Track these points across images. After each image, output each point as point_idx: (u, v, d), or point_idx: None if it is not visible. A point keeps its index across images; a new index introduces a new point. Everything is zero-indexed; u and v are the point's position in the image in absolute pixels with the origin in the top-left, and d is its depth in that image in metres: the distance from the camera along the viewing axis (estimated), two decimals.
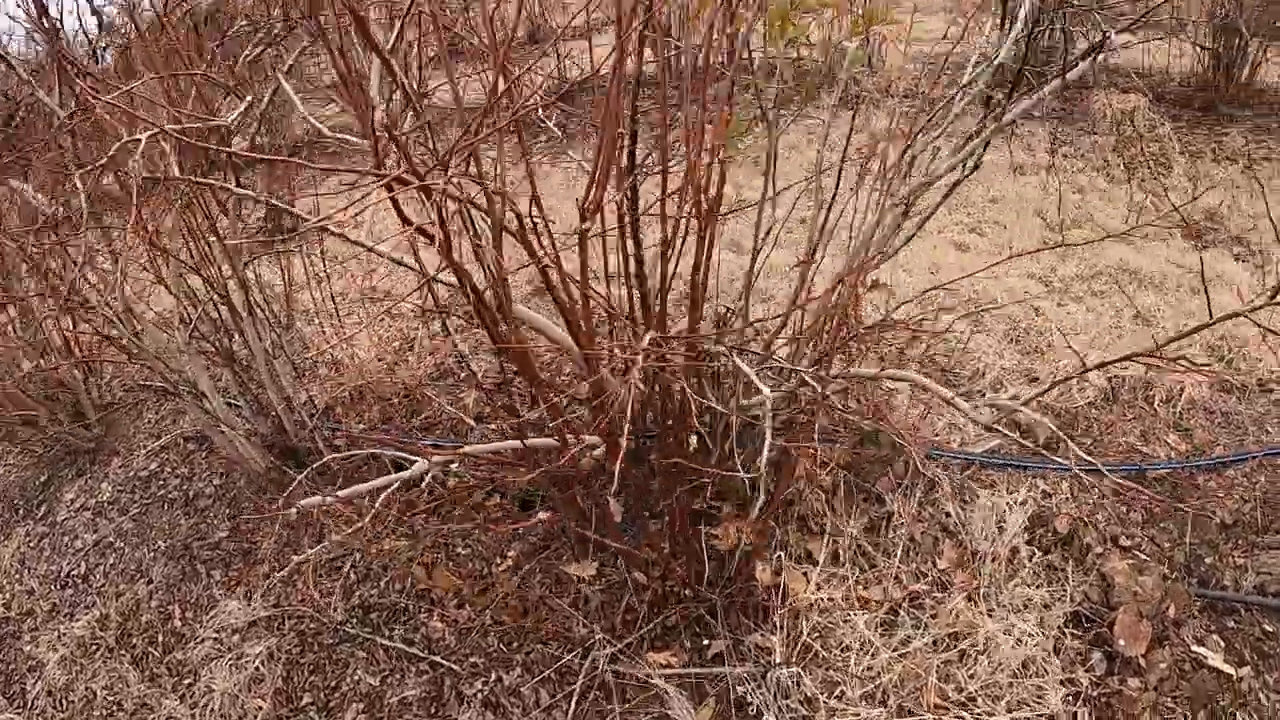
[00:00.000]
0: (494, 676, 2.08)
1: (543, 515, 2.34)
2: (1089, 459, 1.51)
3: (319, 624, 2.43)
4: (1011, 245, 3.62)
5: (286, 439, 2.95)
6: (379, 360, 2.98)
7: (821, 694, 1.63)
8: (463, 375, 2.98)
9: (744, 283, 1.75)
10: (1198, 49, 4.64)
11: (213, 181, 1.74)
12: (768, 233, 1.76)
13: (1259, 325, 1.45)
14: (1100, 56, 1.76)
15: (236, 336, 2.78)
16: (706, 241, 1.27)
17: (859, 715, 1.59)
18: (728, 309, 1.89)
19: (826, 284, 1.95)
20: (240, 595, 2.59)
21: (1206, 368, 1.74)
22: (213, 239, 2.50)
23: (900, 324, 1.77)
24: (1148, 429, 2.65)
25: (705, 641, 1.86)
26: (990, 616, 1.79)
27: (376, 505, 1.90)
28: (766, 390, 1.25)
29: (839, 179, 1.96)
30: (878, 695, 1.66)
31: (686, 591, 1.99)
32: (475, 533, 2.40)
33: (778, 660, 1.68)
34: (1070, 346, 2.73)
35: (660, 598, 1.98)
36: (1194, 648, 2.01)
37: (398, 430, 2.74)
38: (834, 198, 1.96)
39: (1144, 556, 2.19)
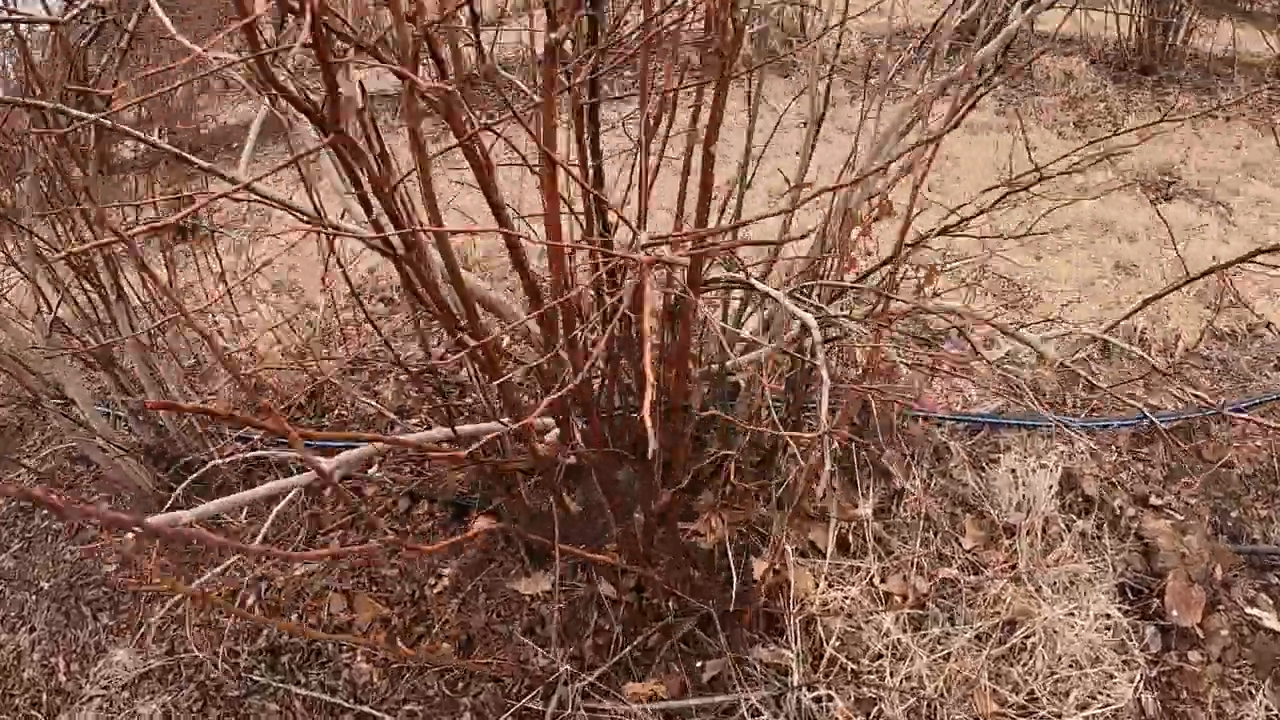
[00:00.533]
0: None
1: (482, 523, 1.91)
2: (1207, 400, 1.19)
3: (221, 672, 1.96)
4: (977, 204, 3.41)
5: (175, 450, 2.44)
6: (283, 354, 2.48)
7: (856, 716, 1.27)
8: (379, 366, 2.51)
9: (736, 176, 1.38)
10: (1133, 14, 4.58)
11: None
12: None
13: None
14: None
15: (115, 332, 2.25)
16: (723, 94, 0.89)
17: None
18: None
19: (818, 221, 1.60)
20: (130, 642, 2.12)
21: None
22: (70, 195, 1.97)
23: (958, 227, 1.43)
24: (1149, 380, 2.42)
25: (699, 663, 1.47)
26: (1041, 599, 1.46)
27: (267, 525, 1.44)
28: (812, 320, 0.88)
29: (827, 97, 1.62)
30: (923, 710, 1.31)
31: (669, 603, 1.60)
32: (402, 549, 1.95)
33: (796, 680, 1.31)
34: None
35: (637, 613, 1.58)
36: (1248, 610, 1.76)
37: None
38: (823, 116, 1.62)
39: (1176, 515, 1.93)
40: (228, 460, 1.55)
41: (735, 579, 1.49)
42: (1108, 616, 1.55)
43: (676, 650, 1.54)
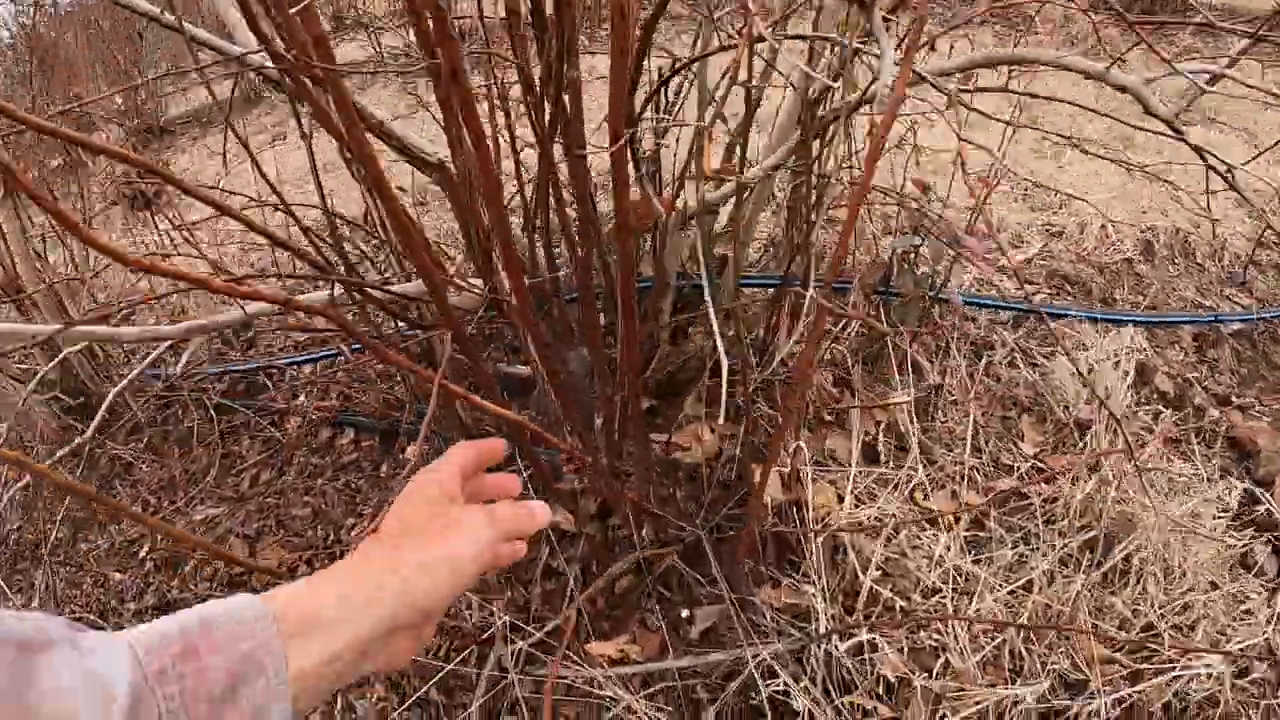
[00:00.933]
0: (342, 703, 1.17)
1: (411, 450, 1.45)
2: None
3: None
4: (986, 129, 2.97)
5: (84, 389, 1.99)
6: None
7: (914, 672, 0.81)
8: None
9: None
10: None
11: None
12: None
13: None
14: None
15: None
16: None
17: (987, 701, 0.78)
18: None
19: None
20: (18, 604, 1.69)
21: None
22: None
23: None
24: (1200, 284, 1.97)
25: (684, 612, 1.01)
26: (1146, 502, 1.01)
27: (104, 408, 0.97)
28: None
29: None
30: (1005, 659, 0.85)
31: (642, 533, 1.14)
32: (318, 484, 1.48)
33: (823, 626, 0.85)
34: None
35: (601, 546, 1.12)
36: None
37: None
38: None
39: (1264, 416, 1.48)
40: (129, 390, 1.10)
41: (723, 500, 1.03)
42: (1220, 528, 1.10)
43: (655, 596, 1.07)
